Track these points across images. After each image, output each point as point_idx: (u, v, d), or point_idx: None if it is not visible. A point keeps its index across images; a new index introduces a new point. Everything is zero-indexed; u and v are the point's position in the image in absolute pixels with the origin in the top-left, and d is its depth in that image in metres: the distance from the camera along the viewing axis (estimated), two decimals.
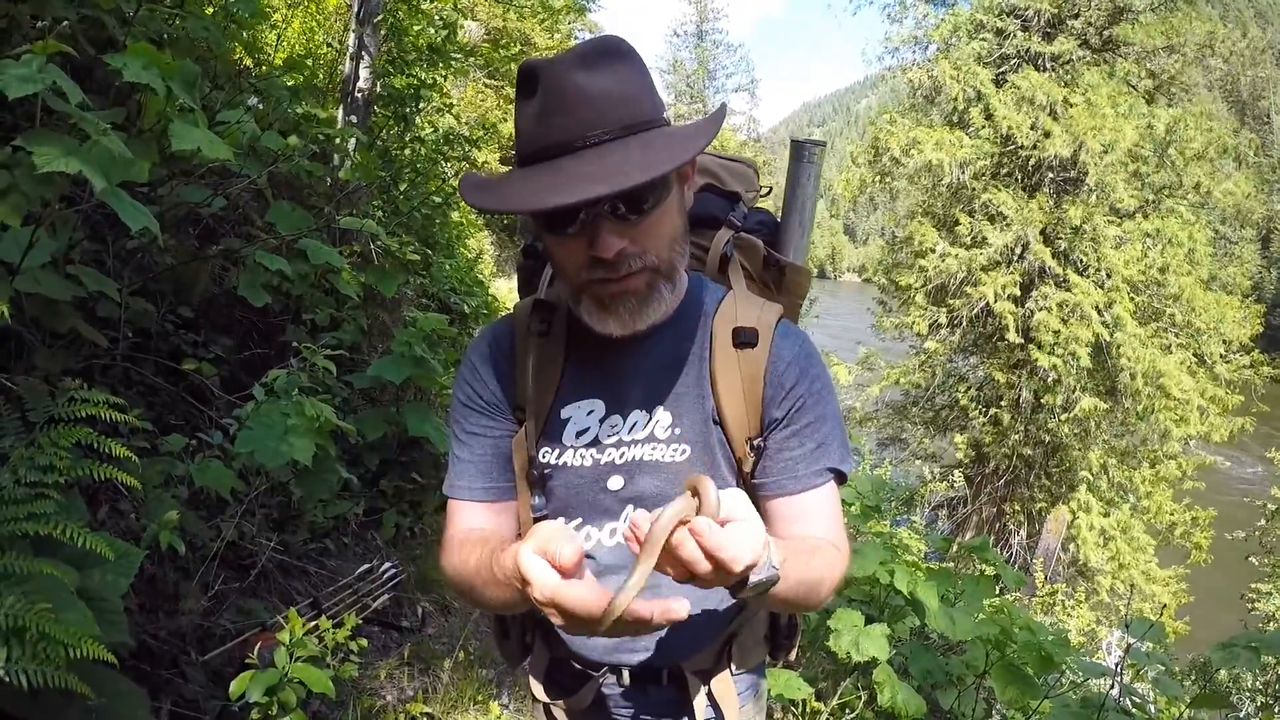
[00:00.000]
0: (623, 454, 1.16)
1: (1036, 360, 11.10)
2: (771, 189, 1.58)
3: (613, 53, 0.99)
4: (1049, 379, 11.39)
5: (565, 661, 1.30)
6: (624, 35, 1.05)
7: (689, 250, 1.14)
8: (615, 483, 1.16)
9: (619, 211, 0.98)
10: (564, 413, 1.18)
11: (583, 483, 1.17)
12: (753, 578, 0.86)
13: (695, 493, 0.81)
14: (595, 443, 1.17)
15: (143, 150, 1.80)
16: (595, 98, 0.95)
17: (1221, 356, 12.09)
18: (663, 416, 1.16)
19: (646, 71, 1.03)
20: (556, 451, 1.17)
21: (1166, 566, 12.00)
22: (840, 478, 1.17)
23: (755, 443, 1.15)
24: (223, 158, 2.08)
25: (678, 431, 1.16)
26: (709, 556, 0.77)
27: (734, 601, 1.11)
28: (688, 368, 1.17)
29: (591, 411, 1.17)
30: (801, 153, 1.48)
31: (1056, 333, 11.04)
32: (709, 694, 1.26)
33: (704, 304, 1.19)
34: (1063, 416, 11.43)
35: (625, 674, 1.26)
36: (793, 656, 1.41)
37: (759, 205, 1.50)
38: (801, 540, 1.08)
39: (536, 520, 1.24)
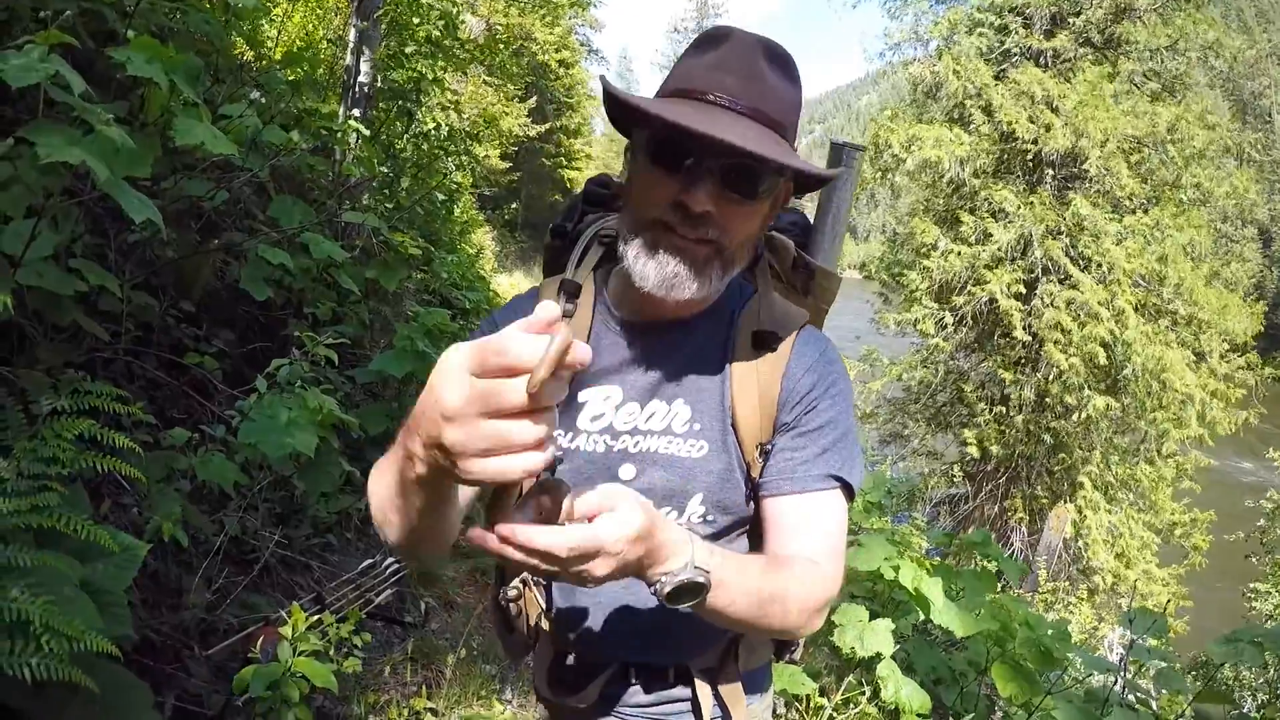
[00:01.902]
0: (637, 443, 1.15)
1: (1054, 361, 11.03)
2: None
3: (792, 68, 1.06)
4: (1053, 376, 11.35)
5: (569, 657, 1.29)
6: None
7: (748, 260, 1.14)
8: (627, 472, 1.14)
9: (726, 181, 0.99)
10: (581, 396, 1.16)
11: (593, 469, 1.15)
12: (669, 580, 0.86)
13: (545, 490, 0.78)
14: (610, 429, 1.15)
15: (146, 144, 1.79)
16: (766, 81, 1.01)
17: (1222, 356, 12.08)
18: (682, 410, 1.15)
19: (801, 102, 1.08)
20: (570, 435, 1.16)
21: (1165, 566, 12.00)
22: (848, 492, 1.13)
23: (765, 446, 1.13)
24: (226, 153, 2.08)
25: (696, 427, 1.14)
26: (526, 550, 0.74)
27: None
28: (710, 365, 1.16)
29: (609, 397, 1.16)
30: (840, 156, 1.46)
31: (1067, 331, 11.00)
32: (715, 693, 1.25)
33: (732, 303, 1.19)
34: (1077, 417, 11.39)
35: (630, 672, 1.25)
36: (798, 656, 1.40)
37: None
38: (769, 556, 1.05)
39: None
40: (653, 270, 1.03)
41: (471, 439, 0.65)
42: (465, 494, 1.05)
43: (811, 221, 1.45)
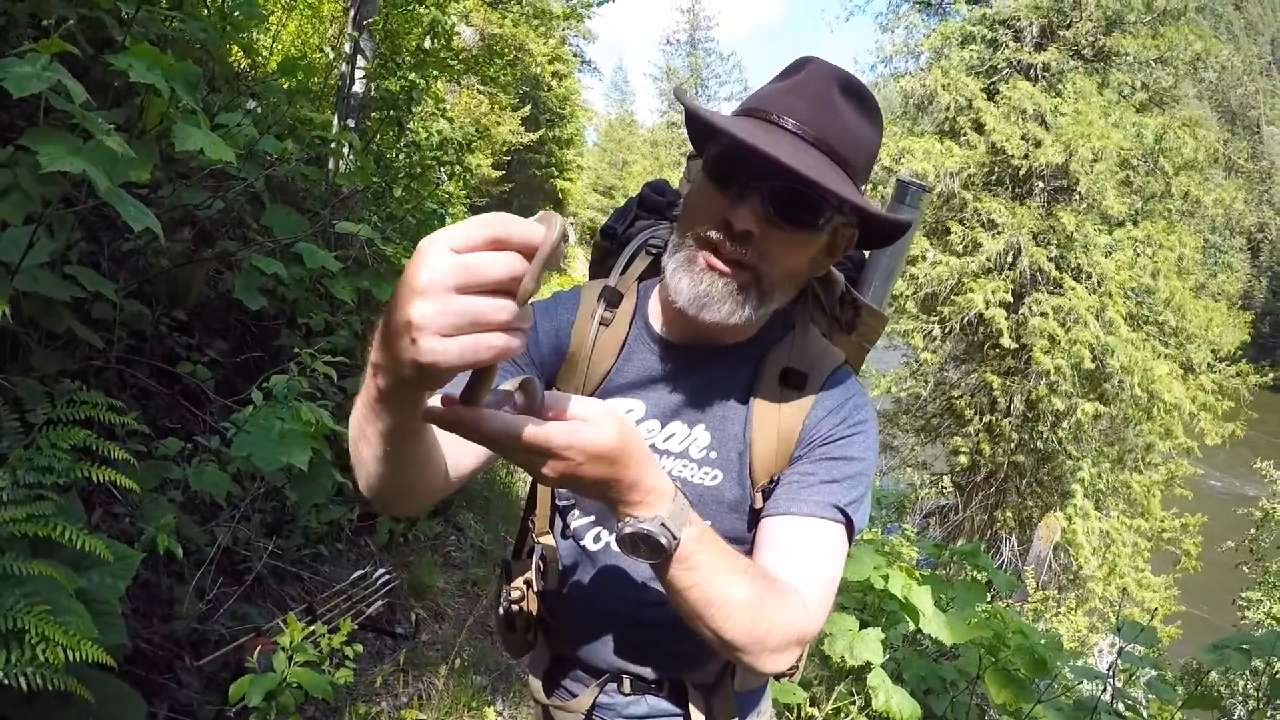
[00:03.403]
0: None
1: (1039, 363, 11.11)
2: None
3: (870, 106, 1.03)
4: (1043, 385, 11.43)
5: (566, 662, 1.30)
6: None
7: (790, 297, 1.10)
8: None
9: (775, 203, 0.97)
10: None
11: None
12: (629, 524, 0.84)
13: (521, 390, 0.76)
14: None
15: (144, 151, 1.80)
16: (836, 112, 0.99)
17: (1210, 366, 12.17)
18: (701, 436, 1.14)
19: (878, 146, 1.06)
20: None
21: (1157, 574, 12.05)
22: (848, 529, 1.07)
23: (774, 478, 1.11)
24: (226, 159, 2.08)
25: (713, 455, 1.13)
26: (471, 431, 0.71)
27: None
28: (735, 395, 1.14)
29: (630, 410, 1.15)
30: (904, 194, 1.42)
31: (1053, 338, 11.08)
32: (708, 709, 1.25)
33: (769, 336, 1.16)
34: (1064, 425, 11.46)
35: (626, 681, 1.25)
36: (797, 678, 1.38)
37: None
38: (758, 565, 1.00)
39: (559, 508, 1.22)
40: (686, 285, 1.02)
41: (441, 313, 0.60)
42: (442, 441, 1.00)
43: (867, 257, 1.42)
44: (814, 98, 0.98)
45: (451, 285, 0.60)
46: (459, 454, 1.05)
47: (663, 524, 0.84)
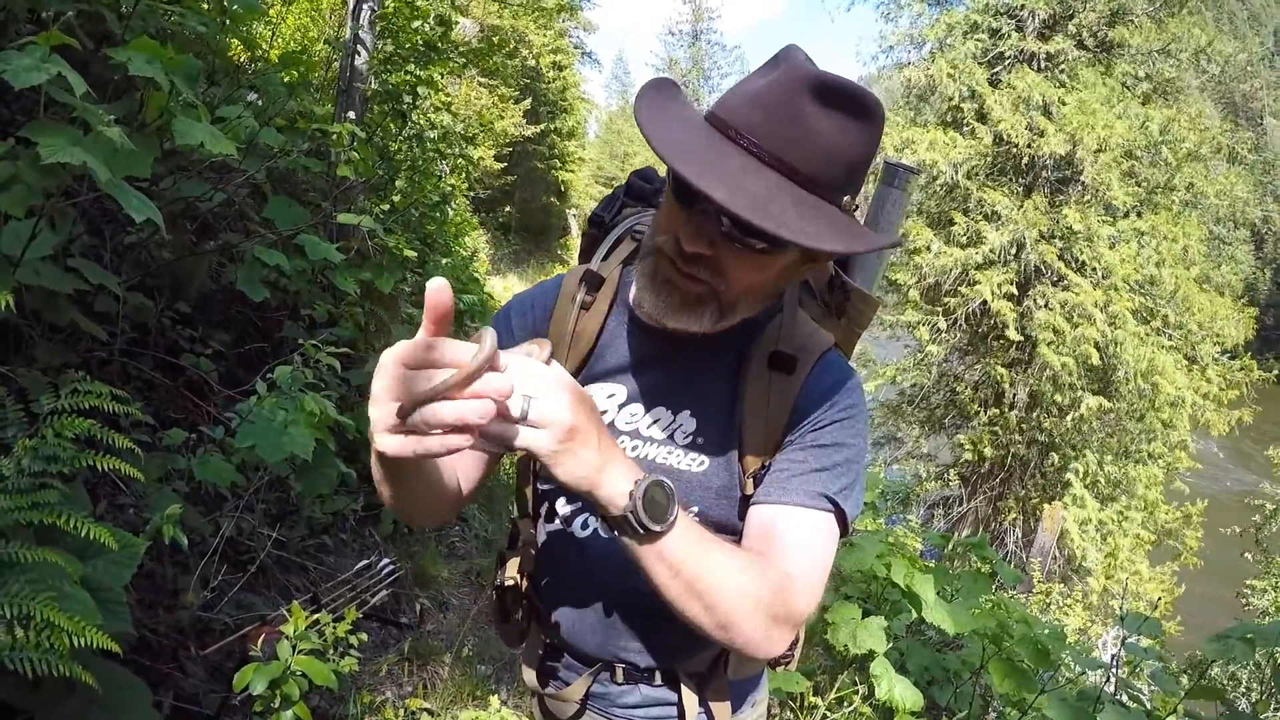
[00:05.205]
0: (635, 448, 1.13)
1: (1046, 360, 11.07)
2: (859, 205, 1.51)
3: (857, 111, 0.91)
4: (1045, 380, 11.40)
5: (558, 651, 1.30)
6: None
7: (762, 306, 1.07)
8: None
9: (724, 227, 0.92)
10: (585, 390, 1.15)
11: None
12: (642, 483, 0.86)
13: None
14: (610, 427, 1.13)
15: (145, 145, 1.80)
16: (803, 125, 0.89)
17: (1214, 360, 12.14)
18: (687, 422, 1.12)
19: (869, 152, 0.95)
20: None
21: (1158, 565, 12.03)
22: (840, 520, 1.05)
23: (765, 463, 1.09)
24: (226, 153, 2.08)
25: (699, 441, 1.12)
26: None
27: None
28: (722, 380, 1.12)
29: (612, 395, 1.14)
30: (892, 176, 1.39)
31: (1059, 332, 11.05)
32: (702, 698, 1.24)
33: (758, 319, 1.12)
34: (1068, 417, 11.44)
35: (619, 670, 1.24)
36: (793, 666, 1.38)
37: None
38: (742, 549, 1.00)
39: (541, 495, 1.23)
40: (648, 297, 1.02)
41: (381, 418, 0.73)
42: (455, 466, 1.10)
43: None
44: (777, 108, 0.89)
45: (391, 398, 0.73)
46: (469, 467, 1.13)
47: (652, 478, 0.88)
